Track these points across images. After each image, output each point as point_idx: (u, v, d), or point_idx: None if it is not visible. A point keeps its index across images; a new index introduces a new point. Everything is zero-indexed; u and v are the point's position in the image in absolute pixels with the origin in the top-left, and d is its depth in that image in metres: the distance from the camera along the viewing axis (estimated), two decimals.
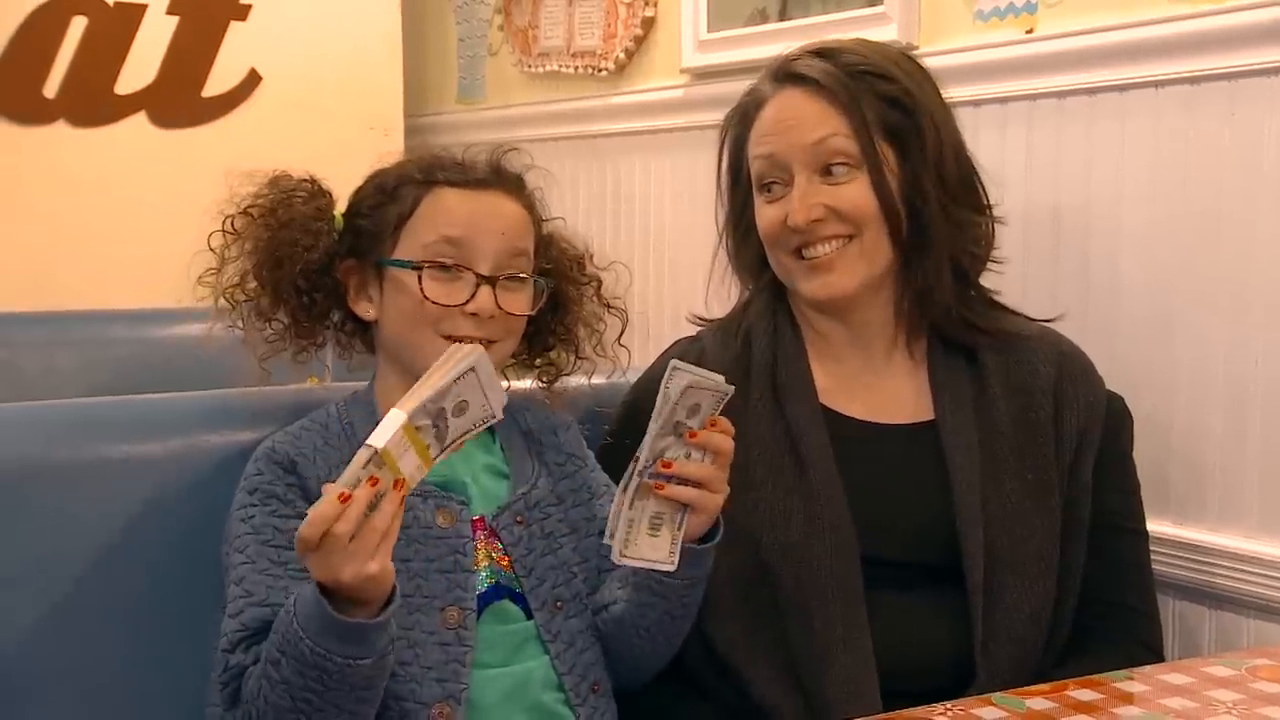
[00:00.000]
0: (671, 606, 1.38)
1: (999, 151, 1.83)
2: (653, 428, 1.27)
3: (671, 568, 1.30)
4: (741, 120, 1.56)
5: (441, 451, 1.20)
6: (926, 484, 1.49)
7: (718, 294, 1.65)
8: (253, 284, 1.41)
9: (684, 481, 1.29)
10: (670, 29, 2.50)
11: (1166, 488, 1.67)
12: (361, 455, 1.14)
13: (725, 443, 1.31)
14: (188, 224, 1.40)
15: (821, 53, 1.53)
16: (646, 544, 1.29)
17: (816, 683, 1.42)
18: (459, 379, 1.18)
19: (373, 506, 1.14)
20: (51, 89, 2.76)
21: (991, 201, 1.57)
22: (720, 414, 1.30)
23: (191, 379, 1.54)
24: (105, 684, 1.40)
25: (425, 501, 1.36)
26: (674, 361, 1.27)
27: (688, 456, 1.30)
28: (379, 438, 1.14)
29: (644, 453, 1.27)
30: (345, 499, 1.13)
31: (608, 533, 1.29)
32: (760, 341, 1.55)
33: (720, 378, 1.29)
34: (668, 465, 1.28)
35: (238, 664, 1.28)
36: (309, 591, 1.19)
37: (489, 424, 1.22)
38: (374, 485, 1.14)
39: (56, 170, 2.76)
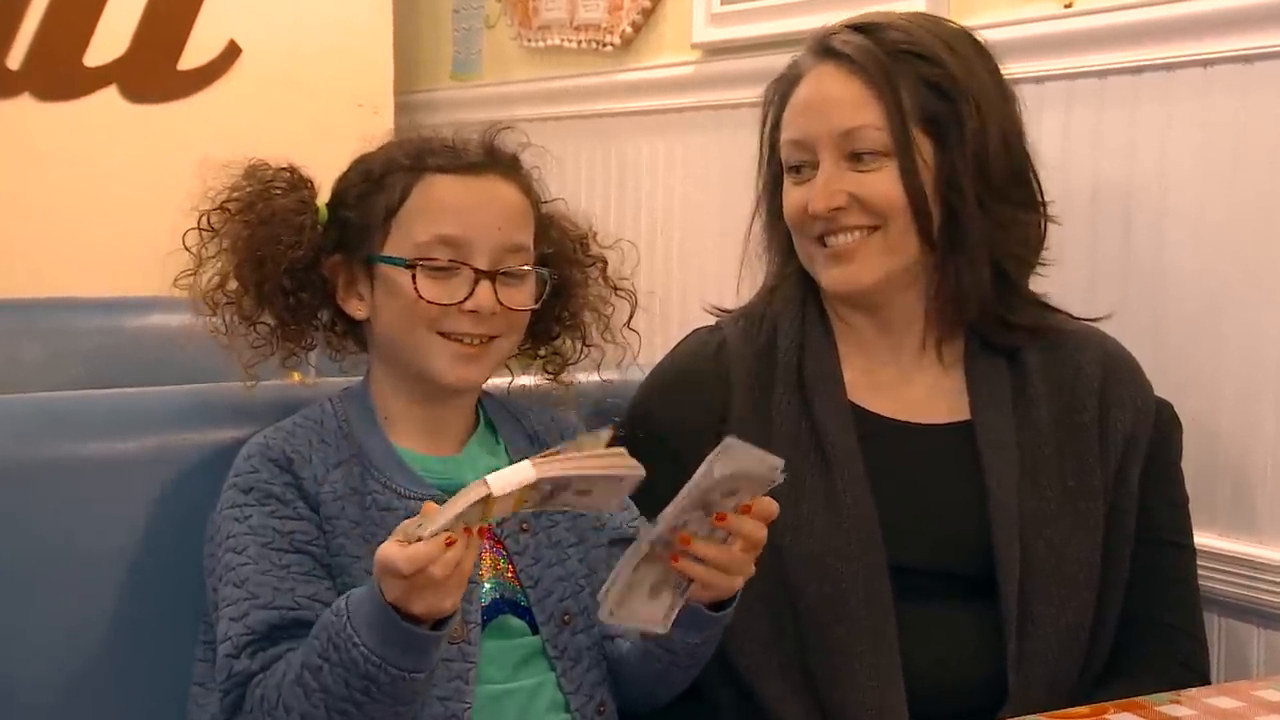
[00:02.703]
0: (678, 659, 1.37)
1: (1034, 135, 1.81)
2: (680, 501, 1.22)
3: (663, 630, 1.29)
4: (780, 95, 1.56)
5: (529, 509, 1.21)
6: (960, 487, 1.48)
7: (747, 279, 1.64)
8: (234, 285, 1.40)
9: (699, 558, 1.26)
10: (680, 1, 2.49)
11: (1213, 496, 1.67)
12: (474, 492, 1.15)
13: (758, 531, 1.26)
14: (162, 206, 1.39)
15: (863, 27, 1.51)
16: (642, 606, 1.27)
17: (838, 701, 1.41)
18: (603, 479, 1.19)
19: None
20: (16, 60, 2.76)
21: (1047, 198, 1.54)
22: (740, 410, 1.27)
23: (167, 373, 1.54)
24: (78, 692, 1.40)
25: None
26: (729, 440, 1.20)
27: (711, 531, 1.26)
28: (499, 484, 1.15)
29: (661, 524, 1.23)
30: (450, 543, 1.14)
31: (603, 590, 1.26)
32: (787, 333, 1.54)
33: (775, 463, 1.22)
34: (686, 541, 1.24)
35: (243, 670, 1.28)
36: (367, 598, 1.20)
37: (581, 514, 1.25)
38: (468, 534, 1.16)
39: (20, 147, 2.76)
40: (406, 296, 1.36)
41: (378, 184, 1.40)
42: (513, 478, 1.15)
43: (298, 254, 1.39)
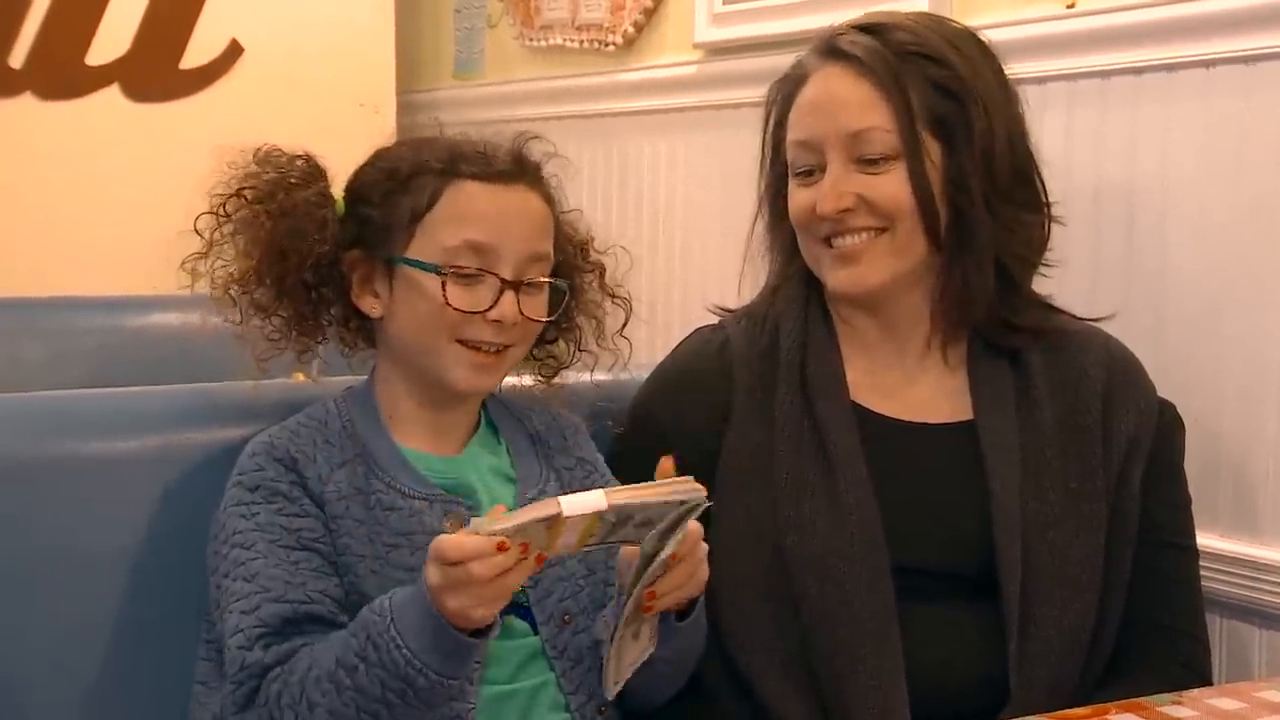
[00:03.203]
0: (667, 655, 1.37)
1: (1036, 135, 1.81)
2: (627, 602, 1.27)
3: (654, 649, 1.32)
4: (785, 95, 1.55)
5: (593, 546, 1.22)
6: (962, 488, 1.48)
7: (749, 278, 1.64)
8: (250, 275, 1.39)
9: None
10: (682, 1, 2.49)
11: (1215, 497, 1.67)
12: (544, 508, 1.16)
13: (695, 541, 1.28)
14: (164, 204, 1.39)
15: (870, 28, 1.51)
16: (633, 652, 1.31)
17: (840, 701, 1.41)
18: (668, 504, 1.20)
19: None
20: (18, 59, 2.76)
21: (1051, 198, 1.54)
22: (742, 409, 1.27)
23: (169, 372, 1.55)
24: (80, 692, 1.40)
25: (432, 507, 1.36)
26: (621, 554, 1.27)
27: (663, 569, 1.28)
28: (570, 506, 1.17)
29: (626, 613, 1.27)
30: (502, 549, 1.15)
31: (604, 677, 1.31)
32: (789, 333, 1.54)
33: (664, 495, 1.23)
34: (652, 596, 1.28)
35: (256, 662, 1.28)
36: (413, 600, 1.21)
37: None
38: (524, 551, 1.17)
39: (22, 146, 2.76)
40: (432, 302, 1.35)
41: (404, 184, 1.39)
42: (584, 502, 1.17)
43: (323, 249, 1.39)
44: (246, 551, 1.32)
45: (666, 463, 1.26)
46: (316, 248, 1.38)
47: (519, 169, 1.41)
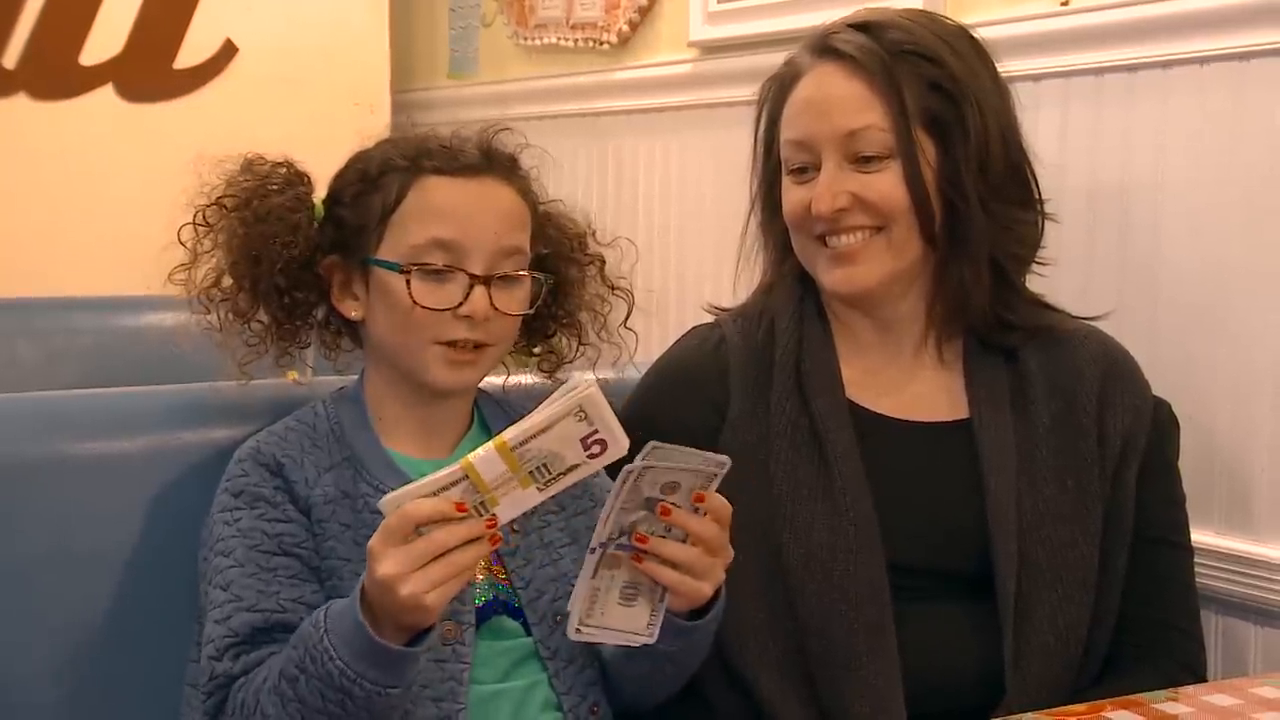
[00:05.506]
0: (661, 665, 1.37)
1: (1031, 133, 1.81)
2: (611, 505, 1.22)
3: (650, 639, 1.27)
4: (778, 93, 1.55)
5: (539, 491, 1.19)
6: (958, 486, 1.48)
7: (744, 276, 1.63)
8: (228, 282, 1.39)
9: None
10: None
11: (1209, 495, 1.67)
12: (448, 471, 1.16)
13: (708, 529, 1.25)
14: (158, 205, 1.39)
15: (864, 26, 1.50)
16: (617, 614, 1.26)
17: (837, 700, 1.42)
18: (567, 420, 1.18)
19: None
20: (11, 59, 2.76)
21: (1044, 196, 1.54)
22: (738, 408, 1.29)
23: (164, 372, 1.54)
24: (71, 695, 1.40)
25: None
26: (652, 444, 1.21)
27: (667, 530, 1.24)
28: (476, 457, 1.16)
29: (603, 529, 1.22)
30: (461, 509, 1.16)
31: (570, 604, 1.25)
32: (784, 331, 1.54)
33: (708, 456, 1.22)
34: (643, 540, 1.24)
35: (224, 672, 1.28)
36: (346, 611, 1.20)
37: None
38: (461, 509, 1.16)
39: (16, 146, 2.76)
40: (401, 301, 1.35)
41: (373, 184, 1.39)
42: (482, 450, 1.16)
43: (294, 253, 1.39)
44: (226, 559, 1.32)
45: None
46: (288, 252, 1.38)
47: (486, 162, 1.40)
